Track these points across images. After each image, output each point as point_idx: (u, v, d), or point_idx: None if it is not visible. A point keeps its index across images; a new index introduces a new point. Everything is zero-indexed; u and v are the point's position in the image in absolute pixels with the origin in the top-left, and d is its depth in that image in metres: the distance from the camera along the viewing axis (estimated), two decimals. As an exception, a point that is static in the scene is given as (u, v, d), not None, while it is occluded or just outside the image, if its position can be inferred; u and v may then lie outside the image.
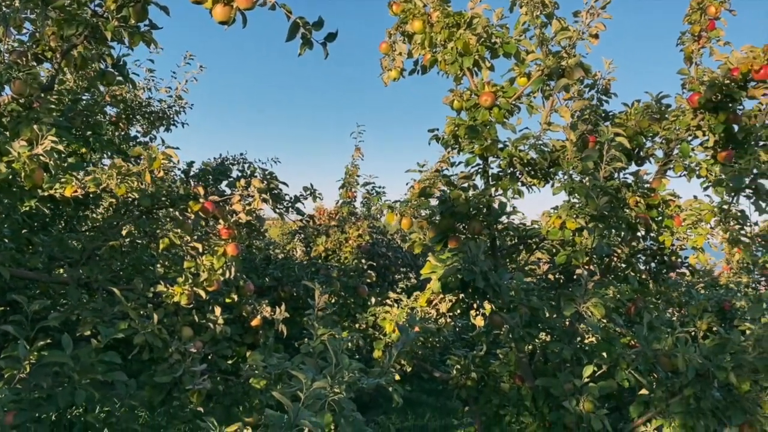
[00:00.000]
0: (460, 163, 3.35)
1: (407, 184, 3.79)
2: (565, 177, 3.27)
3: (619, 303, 3.70)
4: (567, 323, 3.30)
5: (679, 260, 4.00)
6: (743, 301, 5.55)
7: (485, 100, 3.31)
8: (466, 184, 3.24)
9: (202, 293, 3.11)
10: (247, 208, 3.19)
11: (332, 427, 2.37)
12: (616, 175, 3.46)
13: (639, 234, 3.88)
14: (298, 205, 3.96)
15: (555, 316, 3.16)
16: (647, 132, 3.65)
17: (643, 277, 4.13)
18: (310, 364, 2.63)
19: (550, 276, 4.21)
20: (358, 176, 6.66)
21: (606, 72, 4.13)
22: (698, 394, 2.77)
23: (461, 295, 2.94)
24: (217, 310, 3.25)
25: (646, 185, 3.76)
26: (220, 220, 3.20)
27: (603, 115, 4.05)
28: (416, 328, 3.96)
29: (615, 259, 3.82)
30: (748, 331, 2.89)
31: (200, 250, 3.11)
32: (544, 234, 3.32)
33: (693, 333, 4.21)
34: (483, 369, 3.97)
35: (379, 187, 6.54)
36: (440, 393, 8.65)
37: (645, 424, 2.95)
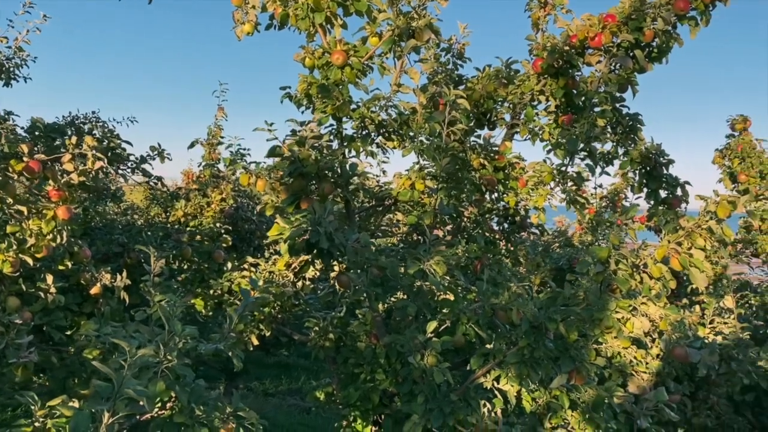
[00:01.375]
0: (310, 122, 3.29)
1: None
2: (416, 139, 3.31)
3: (468, 261, 3.85)
4: (419, 282, 3.38)
5: (528, 220, 4.21)
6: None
7: (337, 59, 3.26)
8: (316, 144, 3.19)
9: (29, 260, 2.86)
10: (81, 168, 2.96)
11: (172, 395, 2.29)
12: (465, 138, 3.55)
13: (487, 195, 4.03)
14: (145, 166, 3.74)
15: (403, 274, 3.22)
16: (496, 96, 3.76)
17: (495, 236, 4.32)
18: (144, 331, 2.51)
19: (412, 237, 4.30)
20: (222, 137, 6.40)
21: (461, 36, 4.20)
22: (532, 344, 2.94)
23: (309, 257, 2.91)
24: (49, 278, 3.01)
25: (494, 148, 3.90)
26: (50, 181, 2.95)
27: (457, 78, 4.13)
28: (272, 290, 3.91)
29: (465, 219, 3.95)
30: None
31: (25, 213, 2.85)
32: (395, 195, 3.36)
33: (537, 288, 4.47)
34: (342, 330, 4.00)
35: (245, 149, 6.32)
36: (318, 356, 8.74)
37: (485, 376, 3.10)
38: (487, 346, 3.14)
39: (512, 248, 4.41)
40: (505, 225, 4.36)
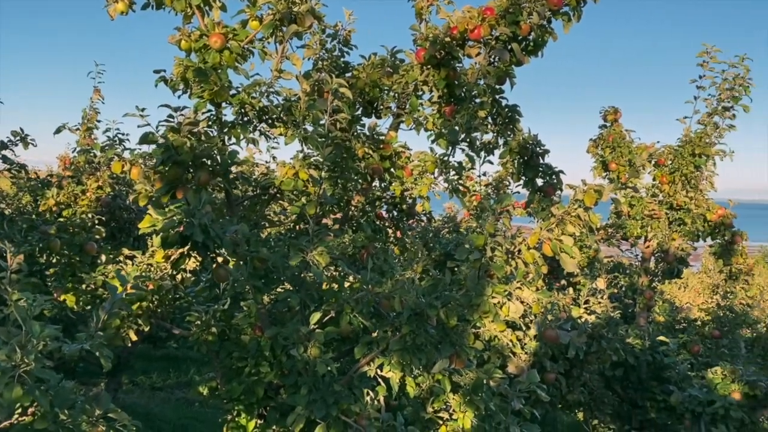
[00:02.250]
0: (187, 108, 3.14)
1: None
2: (299, 127, 3.25)
3: (355, 250, 3.85)
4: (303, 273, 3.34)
5: (414, 208, 4.27)
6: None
7: (215, 42, 3.13)
8: (192, 131, 3.06)
9: None
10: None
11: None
12: (350, 126, 3.53)
13: (376, 184, 4.05)
14: (6, 152, 3.44)
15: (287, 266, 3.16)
16: (381, 85, 3.76)
17: (384, 224, 4.35)
18: (1, 333, 2.31)
19: (299, 227, 4.23)
20: (98, 121, 6.03)
21: (347, 23, 4.16)
22: (415, 331, 2.98)
23: (184, 250, 2.79)
24: None
25: (381, 137, 3.91)
26: None
27: (343, 65, 4.10)
28: (150, 285, 3.73)
29: (352, 208, 3.94)
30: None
31: None
32: (278, 184, 3.28)
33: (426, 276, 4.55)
34: (225, 323, 3.88)
35: (124, 134, 5.98)
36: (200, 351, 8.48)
37: (369, 364, 3.12)
38: (374, 334, 3.16)
39: (400, 236, 4.47)
40: (394, 212, 4.40)
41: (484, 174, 6.72)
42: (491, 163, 4.48)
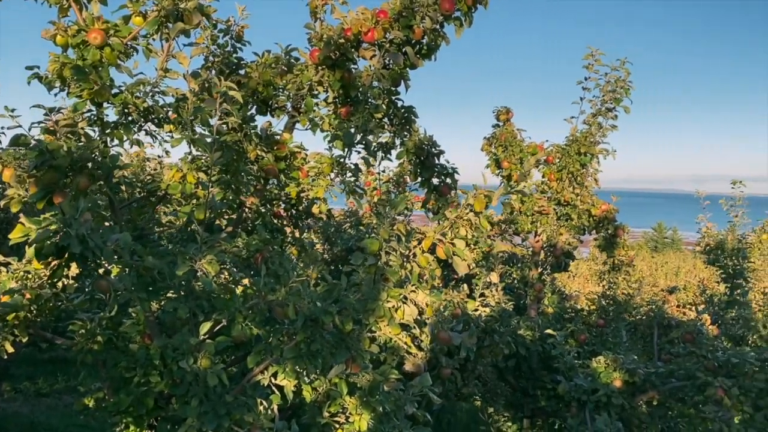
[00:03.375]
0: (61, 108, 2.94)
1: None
2: (187, 128, 3.12)
3: (250, 254, 3.76)
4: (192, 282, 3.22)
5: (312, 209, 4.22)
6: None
7: (95, 38, 2.94)
8: (71, 133, 2.86)
9: None
10: None
11: None
12: (241, 127, 3.43)
13: (273, 183, 3.96)
14: None
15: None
16: (275, 84, 3.68)
17: (283, 223, 4.28)
18: None
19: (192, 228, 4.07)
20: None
21: (240, 18, 4.04)
22: (310, 338, 2.95)
23: (61, 261, 2.62)
24: None
25: (276, 137, 3.83)
26: None
27: (236, 62, 3.97)
28: (27, 295, 3.48)
29: (246, 210, 3.85)
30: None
31: None
32: (164, 188, 3.15)
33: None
34: (112, 330, 3.70)
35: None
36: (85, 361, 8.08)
37: (263, 372, 3.06)
38: (270, 341, 3.10)
39: (298, 236, 4.42)
40: (293, 211, 4.34)
41: (383, 171, 6.76)
42: (390, 160, 4.52)
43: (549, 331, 5.02)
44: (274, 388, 3.08)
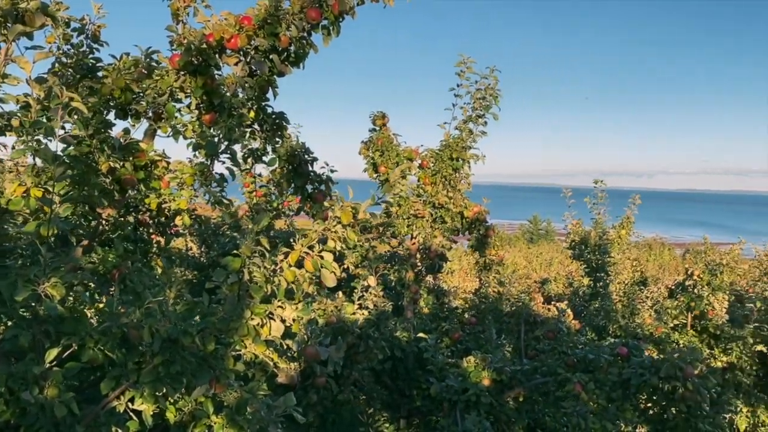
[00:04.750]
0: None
1: None
2: (30, 139, 2.87)
3: (107, 271, 3.54)
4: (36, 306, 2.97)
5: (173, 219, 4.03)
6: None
7: None
8: None
9: None
10: None
11: None
12: (92, 137, 3.21)
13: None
14: None
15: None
16: (133, 89, 3.48)
17: (149, 231, 4.06)
18: None
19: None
20: None
21: (95, 17, 3.78)
22: (169, 360, 2.82)
23: None
24: None
25: (136, 144, 3.62)
26: None
27: (91, 64, 3.71)
28: None
29: (104, 223, 3.61)
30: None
31: None
32: (5, 204, 2.88)
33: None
34: (-51, 357, 3.35)
35: None
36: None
37: (119, 398, 2.89)
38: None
39: (165, 245, 4.22)
40: (158, 219, 4.13)
41: (259, 175, 6.62)
42: (265, 162, 4.42)
43: (421, 334, 5.13)
44: (131, 413, 2.91)
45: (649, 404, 4.63)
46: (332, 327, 4.51)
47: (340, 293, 5.04)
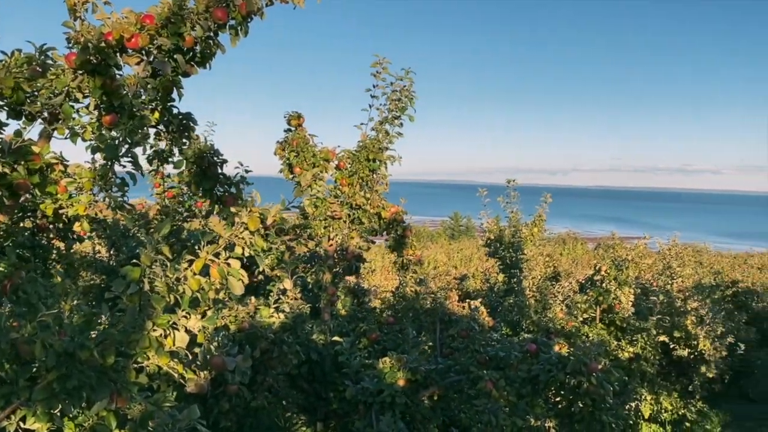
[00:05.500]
0: None
1: None
2: None
3: (-2, 281, 3.32)
4: None
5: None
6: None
7: None
8: None
9: None
10: None
11: None
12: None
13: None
14: None
15: None
16: (24, 88, 3.27)
17: (49, 236, 3.85)
18: None
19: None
20: None
21: (-17, 9, 3.54)
22: (65, 375, 2.68)
23: None
24: None
25: (30, 146, 3.41)
26: None
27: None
28: None
29: (-6, 229, 3.39)
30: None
31: None
32: None
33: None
34: None
35: None
36: None
37: (9, 417, 2.72)
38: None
39: (66, 251, 4.02)
40: (57, 225, 3.92)
41: (169, 175, 6.41)
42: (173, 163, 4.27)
43: (336, 337, 5.11)
44: (23, 434, 2.75)
45: (558, 399, 4.80)
46: (245, 333, 4.42)
47: (253, 298, 4.95)
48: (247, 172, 5.24)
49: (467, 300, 8.49)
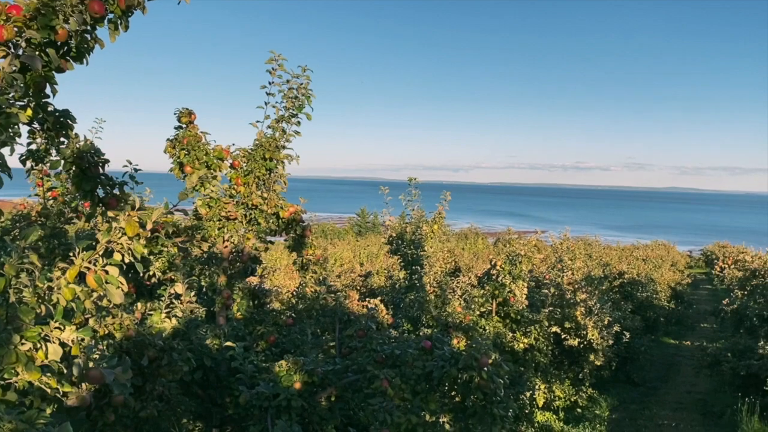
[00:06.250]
0: None
1: None
2: None
3: None
4: None
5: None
6: None
7: None
8: None
9: None
10: None
11: None
12: None
13: None
14: None
15: None
16: None
17: None
18: None
19: None
20: None
21: None
22: None
23: None
24: None
25: None
26: None
27: None
28: None
29: None
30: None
31: None
32: None
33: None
34: None
35: None
36: None
37: None
38: None
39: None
40: None
41: (48, 175, 6.03)
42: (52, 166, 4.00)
43: (228, 343, 4.99)
44: None
45: (452, 393, 4.91)
46: (132, 341, 4.23)
47: (139, 304, 4.74)
48: (136, 171, 5.01)
49: (372, 297, 8.54)
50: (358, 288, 15.12)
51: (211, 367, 5.15)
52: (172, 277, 6.26)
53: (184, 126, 5.84)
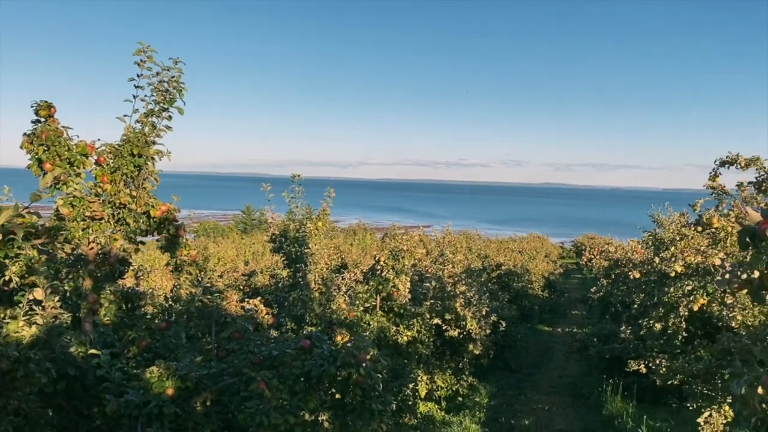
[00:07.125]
0: None
1: None
2: None
3: None
4: None
5: None
6: None
7: None
8: None
9: None
10: None
11: None
12: None
13: None
14: None
15: None
16: None
17: None
18: None
19: None
20: None
21: None
22: None
23: None
24: None
25: None
26: None
27: None
28: None
29: None
30: None
31: None
32: None
33: None
34: None
35: None
36: None
37: None
38: None
39: None
40: None
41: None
42: None
43: (93, 351, 4.71)
44: None
45: (332, 391, 4.91)
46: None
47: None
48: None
49: (256, 297, 8.36)
50: (242, 288, 14.79)
51: (75, 377, 4.83)
52: (34, 281, 5.82)
53: (42, 120, 5.43)
